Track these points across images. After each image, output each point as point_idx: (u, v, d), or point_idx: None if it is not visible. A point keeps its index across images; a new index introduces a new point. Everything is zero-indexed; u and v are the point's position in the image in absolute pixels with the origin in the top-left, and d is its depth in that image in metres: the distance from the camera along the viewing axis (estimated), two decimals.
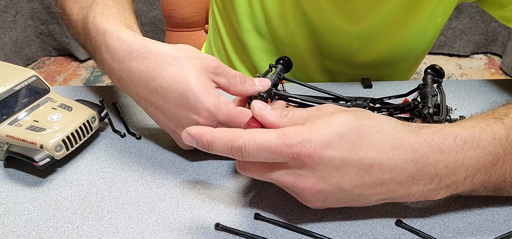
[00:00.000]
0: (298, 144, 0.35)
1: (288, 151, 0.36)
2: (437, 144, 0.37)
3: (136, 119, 0.56)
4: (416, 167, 0.37)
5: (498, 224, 0.42)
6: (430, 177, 0.38)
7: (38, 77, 0.52)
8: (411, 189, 0.38)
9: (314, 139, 0.36)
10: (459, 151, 0.38)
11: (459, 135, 0.38)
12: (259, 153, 0.36)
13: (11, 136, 0.47)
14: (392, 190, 0.38)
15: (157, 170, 0.48)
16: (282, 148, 0.36)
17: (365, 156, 0.36)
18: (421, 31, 0.67)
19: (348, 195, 0.38)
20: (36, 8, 2.11)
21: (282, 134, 0.36)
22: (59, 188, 0.46)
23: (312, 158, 0.36)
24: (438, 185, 0.38)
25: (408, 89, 0.54)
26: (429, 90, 0.48)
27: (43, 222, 0.42)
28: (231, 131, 0.37)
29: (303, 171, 0.37)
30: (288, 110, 0.40)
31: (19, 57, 2.11)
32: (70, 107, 0.51)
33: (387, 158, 0.37)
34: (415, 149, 0.37)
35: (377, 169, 0.37)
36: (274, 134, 0.36)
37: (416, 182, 0.38)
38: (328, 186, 0.37)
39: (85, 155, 0.51)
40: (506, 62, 2.14)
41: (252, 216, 0.43)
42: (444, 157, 0.37)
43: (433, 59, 2.24)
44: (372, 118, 0.38)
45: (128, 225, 0.42)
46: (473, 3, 2.09)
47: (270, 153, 0.36)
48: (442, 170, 0.38)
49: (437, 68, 0.52)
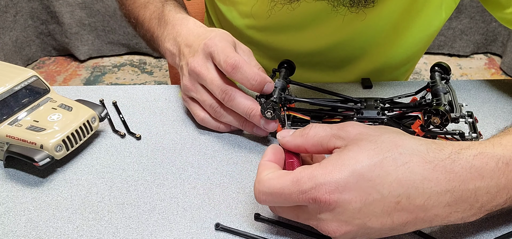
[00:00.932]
0: (312, 189, 0.34)
1: (303, 197, 0.34)
2: (478, 169, 0.35)
3: (136, 119, 0.57)
4: (453, 196, 0.34)
5: (498, 224, 0.42)
6: (470, 204, 0.35)
7: (38, 77, 0.52)
8: (449, 218, 0.35)
9: (328, 182, 0.34)
10: (501, 174, 0.35)
11: (501, 157, 0.35)
12: (275, 198, 0.36)
13: (11, 136, 0.47)
14: (429, 220, 0.35)
15: (157, 170, 0.48)
16: (296, 195, 0.35)
17: (390, 194, 0.34)
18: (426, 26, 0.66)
19: (378, 232, 0.36)
20: (36, 8, 2.11)
21: (295, 180, 0.35)
22: (59, 188, 0.46)
23: (328, 203, 0.34)
24: (479, 210, 0.36)
25: (408, 89, 0.54)
26: (441, 88, 0.48)
27: (43, 222, 0.42)
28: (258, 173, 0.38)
29: (323, 215, 0.35)
30: (309, 127, 0.39)
31: (19, 57, 2.11)
32: (70, 107, 0.51)
33: (417, 192, 0.34)
34: (450, 179, 0.34)
35: (407, 204, 0.34)
36: (288, 181, 0.35)
37: (454, 210, 0.35)
38: (353, 227, 0.35)
39: (85, 155, 0.51)
40: (506, 62, 2.14)
41: (252, 216, 0.43)
42: (486, 183, 0.35)
43: (433, 59, 2.24)
44: (397, 146, 0.35)
45: (128, 225, 0.42)
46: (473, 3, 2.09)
47: (286, 199, 0.35)
48: (483, 196, 0.35)
49: (444, 65, 0.52)
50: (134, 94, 0.61)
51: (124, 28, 2.17)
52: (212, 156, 0.51)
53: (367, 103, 0.52)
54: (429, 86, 0.50)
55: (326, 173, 0.34)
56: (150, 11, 0.66)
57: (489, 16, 2.15)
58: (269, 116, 0.49)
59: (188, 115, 0.57)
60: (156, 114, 0.57)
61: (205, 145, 0.52)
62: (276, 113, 0.49)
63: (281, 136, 0.41)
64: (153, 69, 2.19)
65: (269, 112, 0.49)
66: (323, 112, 0.53)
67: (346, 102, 0.53)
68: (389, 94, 0.61)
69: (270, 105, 0.48)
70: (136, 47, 2.24)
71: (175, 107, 0.59)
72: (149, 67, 2.20)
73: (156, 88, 0.63)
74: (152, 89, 0.63)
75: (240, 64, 0.48)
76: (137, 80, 2.11)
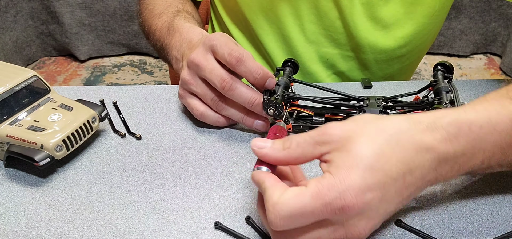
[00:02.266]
0: (336, 199, 0.33)
1: (327, 209, 0.33)
2: (454, 134, 0.37)
3: (136, 119, 0.57)
4: (438, 161, 0.37)
5: (498, 224, 0.42)
6: (450, 166, 0.38)
7: (38, 77, 0.52)
8: (436, 181, 0.38)
9: (351, 187, 0.33)
10: (475, 137, 0.38)
11: (474, 122, 0.38)
12: (295, 220, 0.34)
13: (12, 136, 0.47)
14: (423, 187, 0.38)
15: (157, 170, 0.49)
16: (320, 209, 0.33)
17: (398, 175, 0.35)
18: None
19: (393, 212, 0.37)
20: (36, 8, 2.11)
21: (315, 194, 0.33)
22: (59, 188, 0.46)
23: (357, 207, 0.34)
24: (458, 172, 0.39)
25: (408, 89, 0.54)
26: (443, 86, 0.49)
27: (44, 222, 0.42)
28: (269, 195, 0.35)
29: (351, 221, 0.35)
30: (289, 139, 0.38)
31: (19, 57, 2.11)
32: (70, 107, 0.51)
33: (415, 165, 0.36)
34: (434, 146, 0.36)
35: (411, 179, 0.36)
36: (308, 197, 0.34)
37: (439, 174, 0.38)
38: (378, 219, 0.36)
39: (85, 155, 0.51)
40: (506, 63, 2.14)
41: (252, 216, 0.43)
42: (462, 146, 0.37)
43: (433, 59, 2.24)
44: (383, 131, 0.36)
45: (128, 225, 0.42)
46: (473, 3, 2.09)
47: (308, 218, 0.34)
48: (460, 157, 0.38)
49: (447, 64, 0.52)
50: (134, 94, 0.61)
51: (124, 28, 2.18)
52: (212, 156, 0.51)
53: (369, 102, 0.52)
54: (432, 85, 0.50)
55: (343, 179, 0.34)
56: (162, 20, 0.67)
57: (489, 16, 2.15)
58: (271, 113, 0.49)
59: (188, 116, 0.57)
60: (156, 114, 0.57)
61: (205, 145, 0.52)
62: (278, 111, 0.49)
63: (258, 146, 0.38)
64: (153, 69, 2.20)
65: (272, 109, 0.49)
66: (326, 109, 0.54)
67: (349, 101, 0.53)
68: (389, 94, 0.61)
69: (272, 103, 0.48)
70: (136, 47, 2.24)
71: (175, 107, 0.59)
72: (149, 67, 2.21)
73: (156, 88, 0.63)
74: (152, 89, 0.63)
75: (245, 57, 0.49)
76: (137, 81, 2.11)
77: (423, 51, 0.79)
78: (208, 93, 0.52)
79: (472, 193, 0.46)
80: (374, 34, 0.70)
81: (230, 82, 0.49)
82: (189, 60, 0.52)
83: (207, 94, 0.52)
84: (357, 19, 0.68)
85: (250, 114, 0.52)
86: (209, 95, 0.52)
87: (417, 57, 0.78)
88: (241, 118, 0.53)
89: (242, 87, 0.50)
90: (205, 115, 0.53)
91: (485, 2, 2.11)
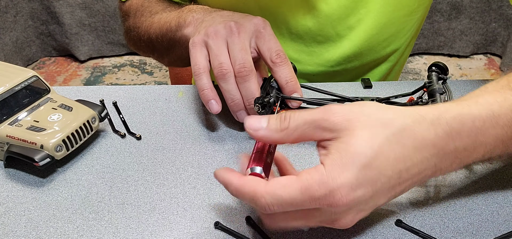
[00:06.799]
0: (325, 196, 0.33)
1: (316, 203, 0.34)
2: (457, 130, 0.37)
3: (136, 119, 0.57)
4: (438, 157, 0.37)
5: (498, 224, 0.42)
6: (451, 161, 0.38)
7: (38, 78, 0.52)
8: (435, 174, 0.38)
9: (342, 185, 0.33)
10: (478, 132, 0.37)
11: (477, 117, 0.38)
12: (284, 208, 0.35)
13: (12, 136, 0.47)
14: (421, 181, 0.38)
15: (157, 170, 0.49)
16: (308, 202, 0.34)
17: (393, 172, 0.35)
18: None
19: (384, 203, 0.38)
20: (36, 8, 2.11)
21: (305, 188, 0.34)
22: (59, 188, 0.46)
23: (345, 204, 0.34)
24: (458, 165, 0.39)
25: (408, 89, 0.54)
26: (437, 88, 0.48)
27: (44, 222, 0.42)
28: (254, 186, 0.35)
29: (339, 214, 0.35)
30: (287, 118, 0.36)
31: (19, 58, 2.11)
32: (70, 107, 0.51)
33: (412, 163, 0.36)
34: (435, 143, 0.36)
35: (406, 175, 0.36)
36: (296, 190, 0.34)
37: (438, 169, 0.38)
38: (367, 211, 0.37)
39: (85, 155, 0.51)
40: (506, 63, 2.14)
41: (252, 216, 0.43)
42: (464, 142, 0.37)
43: (433, 59, 2.24)
44: (387, 126, 0.35)
45: (128, 225, 0.42)
46: (473, 4, 2.09)
47: (296, 207, 0.35)
48: (461, 152, 0.38)
49: (441, 65, 0.52)
50: (134, 94, 0.61)
51: None
52: (212, 156, 0.51)
53: None
54: (426, 86, 0.50)
55: (336, 176, 0.34)
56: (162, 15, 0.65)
57: (489, 16, 2.15)
58: (256, 110, 0.49)
59: (188, 116, 0.57)
60: (156, 114, 0.57)
61: (205, 145, 0.52)
62: (266, 111, 0.48)
63: (253, 128, 0.37)
64: (153, 69, 2.20)
65: (258, 107, 0.48)
66: None
67: (343, 102, 0.53)
68: (389, 94, 0.61)
69: (260, 101, 0.48)
70: None
71: (175, 107, 0.59)
72: (149, 68, 2.21)
73: (156, 89, 0.63)
74: (152, 89, 0.63)
75: (288, 62, 0.50)
76: (137, 81, 2.11)
77: None
78: (221, 56, 0.50)
79: (472, 193, 0.46)
80: None
81: (249, 71, 0.49)
82: (230, 23, 0.51)
83: (220, 56, 0.50)
84: None
85: (238, 104, 0.51)
86: (221, 59, 0.49)
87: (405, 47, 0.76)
88: (232, 100, 0.50)
89: (254, 84, 0.49)
90: (201, 72, 0.50)
91: (485, 2, 2.11)
